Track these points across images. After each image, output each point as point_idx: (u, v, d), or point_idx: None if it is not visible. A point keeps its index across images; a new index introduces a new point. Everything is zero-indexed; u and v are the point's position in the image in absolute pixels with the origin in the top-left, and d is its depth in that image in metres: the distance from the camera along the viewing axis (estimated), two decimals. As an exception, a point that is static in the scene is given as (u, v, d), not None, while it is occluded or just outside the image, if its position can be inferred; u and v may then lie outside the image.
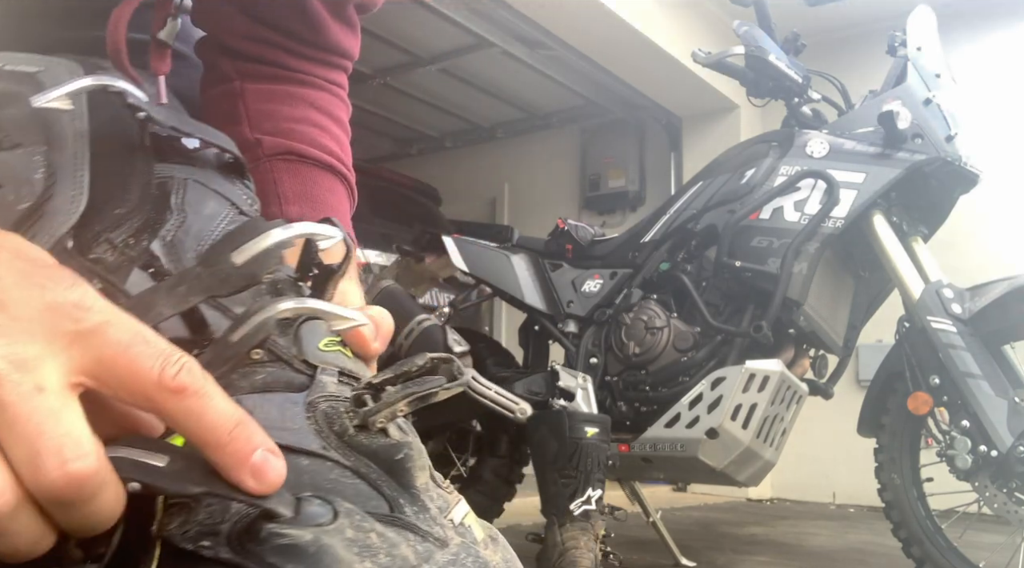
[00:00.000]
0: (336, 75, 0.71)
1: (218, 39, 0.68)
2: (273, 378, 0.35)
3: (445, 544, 0.31)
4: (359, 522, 0.29)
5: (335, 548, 0.28)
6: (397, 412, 0.34)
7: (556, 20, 3.99)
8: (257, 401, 0.34)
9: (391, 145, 6.45)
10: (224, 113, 0.66)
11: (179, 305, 0.33)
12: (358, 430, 0.34)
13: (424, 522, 0.32)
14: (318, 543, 0.28)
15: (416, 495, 0.33)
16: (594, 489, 1.78)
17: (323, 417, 0.34)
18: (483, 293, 2.67)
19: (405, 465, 0.33)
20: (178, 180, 0.39)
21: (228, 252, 0.34)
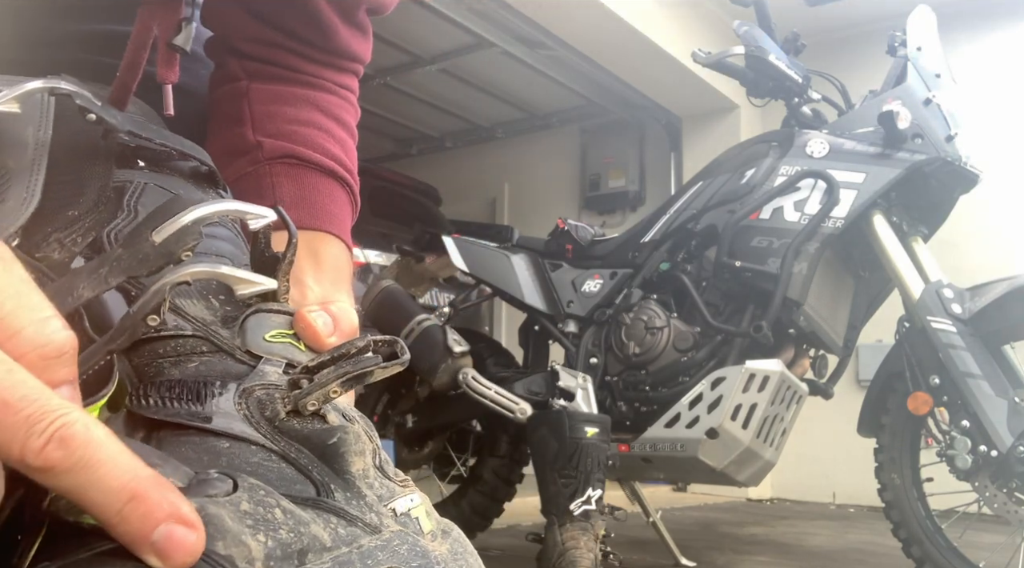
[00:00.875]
0: (346, 79, 0.70)
1: (226, 40, 0.67)
2: (208, 367, 0.35)
3: (377, 530, 0.30)
4: (262, 497, 0.28)
5: (222, 518, 0.27)
6: (330, 394, 0.33)
7: (556, 20, 3.99)
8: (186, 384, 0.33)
9: (391, 145, 6.46)
10: (229, 113, 0.66)
11: (99, 287, 0.33)
12: (291, 415, 0.33)
13: (356, 508, 0.31)
14: (203, 511, 0.26)
15: (350, 481, 0.32)
16: (594, 489, 1.78)
17: (255, 403, 0.33)
18: (483, 293, 2.67)
19: (338, 449, 0.32)
20: (136, 183, 0.39)
21: (148, 231, 0.33)
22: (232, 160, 0.64)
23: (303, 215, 0.62)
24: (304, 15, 0.64)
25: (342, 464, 0.32)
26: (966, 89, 2.56)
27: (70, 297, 0.32)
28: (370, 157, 6.30)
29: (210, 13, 0.67)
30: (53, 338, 0.27)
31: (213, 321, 0.36)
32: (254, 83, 0.66)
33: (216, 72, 0.68)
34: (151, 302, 0.32)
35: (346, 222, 0.66)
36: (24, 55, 0.65)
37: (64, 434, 0.24)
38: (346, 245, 0.65)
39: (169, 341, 0.35)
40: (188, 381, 0.34)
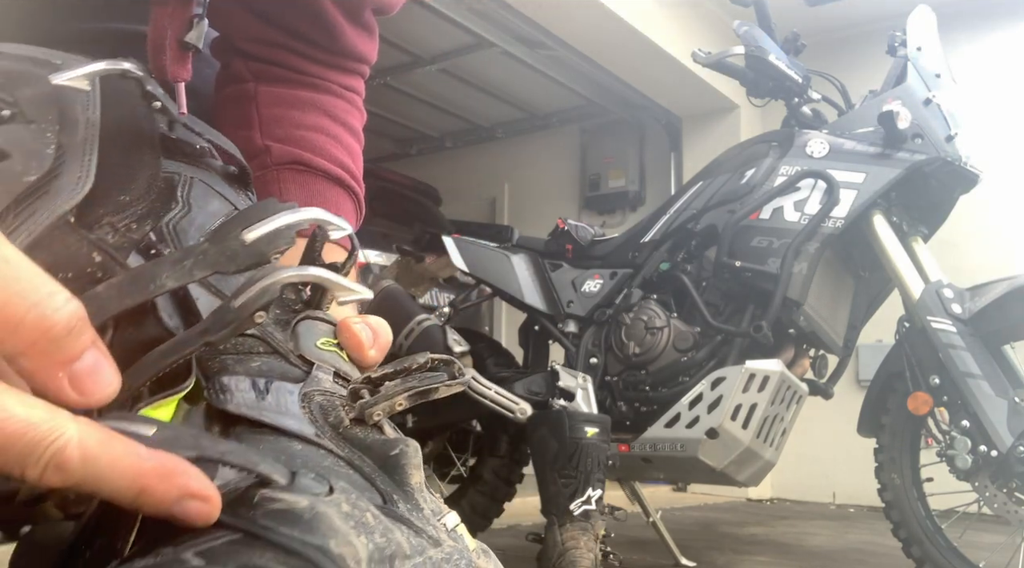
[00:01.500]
0: (352, 81, 0.70)
1: (232, 40, 0.67)
2: (268, 367, 0.35)
3: (438, 543, 0.31)
4: (355, 501, 0.29)
5: (331, 517, 0.27)
6: (396, 406, 0.34)
7: (556, 20, 3.99)
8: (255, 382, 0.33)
9: (391, 145, 6.46)
10: (237, 116, 0.66)
11: (182, 278, 0.33)
12: (354, 423, 0.33)
13: (418, 520, 0.31)
14: (314, 510, 0.27)
15: (410, 493, 0.32)
16: (594, 489, 1.78)
17: (318, 408, 0.34)
18: (483, 293, 2.67)
19: (400, 461, 0.33)
20: (184, 177, 0.39)
21: (238, 230, 0.34)
22: None
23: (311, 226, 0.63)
24: (309, 15, 0.64)
25: (403, 476, 0.32)
26: (966, 89, 2.57)
27: (152, 285, 0.32)
28: (370, 157, 6.25)
29: (217, 14, 0.67)
30: (57, 317, 0.26)
31: (268, 323, 0.36)
32: (261, 85, 0.66)
33: (222, 72, 0.68)
34: (261, 299, 0.32)
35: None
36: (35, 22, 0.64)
37: (59, 461, 0.25)
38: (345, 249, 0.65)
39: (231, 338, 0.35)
40: (256, 379, 0.34)
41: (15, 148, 0.34)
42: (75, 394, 0.27)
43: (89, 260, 0.33)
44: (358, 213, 0.68)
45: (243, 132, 0.65)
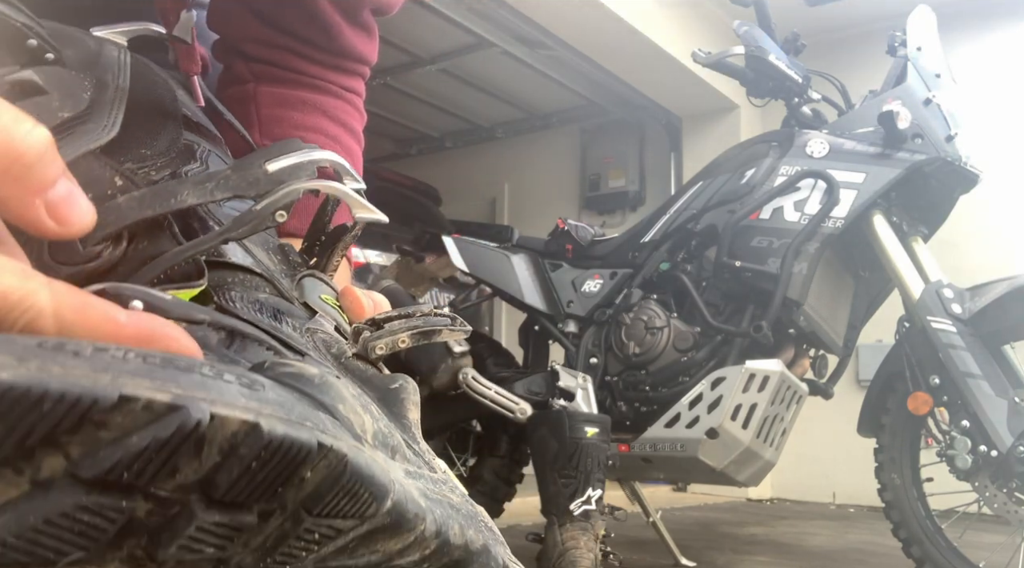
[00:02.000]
0: (352, 81, 0.70)
1: (232, 42, 0.67)
2: (276, 303, 0.36)
3: (433, 470, 0.31)
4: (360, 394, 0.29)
5: (341, 388, 0.27)
6: (399, 342, 0.34)
7: (556, 20, 3.99)
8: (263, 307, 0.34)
9: (391, 145, 6.46)
10: (237, 115, 0.66)
11: (203, 197, 0.34)
12: (356, 357, 0.34)
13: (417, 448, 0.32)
14: (324, 377, 0.27)
15: (408, 426, 0.32)
16: (594, 489, 1.78)
17: (321, 342, 0.34)
18: (483, 293, 2.67)
19: (399, 395, 0.33)
20: (204, 148, 0.41)
21: (261, 161, 0.35)
22: None
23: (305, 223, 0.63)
24: (307, 16, 0.64)
25: (401, 409, 0.33)
26: (966, 89, 2.57)
27: (173, 199, 0.33)
28: (370, 157, 6.26)
29: (215, 16, 0.67)
30: (29, 141, 0.25)
31: (275, 270, 0.38)
32: (261, 86, 0.66)
33: (223, 74, 0.69)
34: (282, 200, 0.34)
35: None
36: None
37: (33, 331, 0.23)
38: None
39: (239, 271, 0.36)
40: (263, 302, 0.35)
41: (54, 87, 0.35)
42: (53, 223, 0.26)
43: (111, 183, 0.34)
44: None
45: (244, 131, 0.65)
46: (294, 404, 0.23)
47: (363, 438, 0.26)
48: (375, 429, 0.27)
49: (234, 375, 0.23)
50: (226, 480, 0.21)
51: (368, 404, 0.28)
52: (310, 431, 0.22)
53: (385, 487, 0.24)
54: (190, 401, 0.20)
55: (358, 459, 0.23)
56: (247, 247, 0.38)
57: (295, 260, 0.40)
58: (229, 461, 0.21)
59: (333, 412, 0.26)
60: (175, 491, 0.21)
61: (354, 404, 0.27)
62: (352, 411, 0.26)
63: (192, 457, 0.20)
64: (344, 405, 0.26)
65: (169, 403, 0.20)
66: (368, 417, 0.27)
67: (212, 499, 0.21)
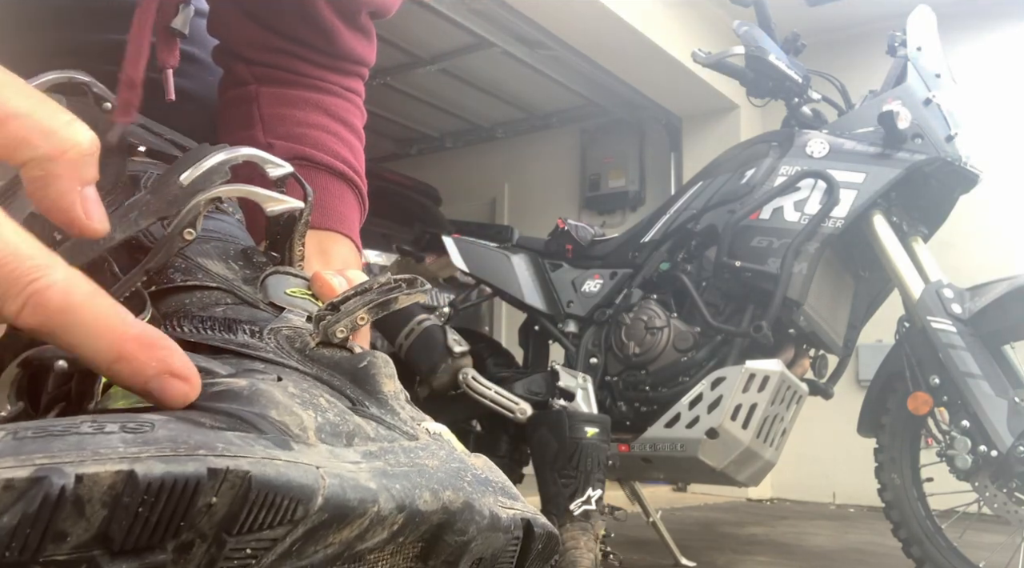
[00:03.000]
0: (351, 82, 0.71)
1: (232, 48, 0.68)
2: (234, 312, 0.36)
3: (414, 438, 0.30)
4: (307, 387, 0.29)
5: (273, 392, 0.27)
6: (358, 320, 0.34)
7: (556, 20, 3.99)
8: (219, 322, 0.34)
9: (391, 145, 6.46)
10: (239, 117, 0.66)
11: (130, 229, 0.34)
12: (320, 346, 0.34)
13: (392, 419, 0.31)
14: (253, 387, 0.27)
15: (383, 400, 0.32)
16: (594, 489, 1.78)
17: (284, 339, 0.34)
18: (483, 293, 2.67)
19: (369, 371, 0.33)
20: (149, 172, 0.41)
21: (175, 176, 0.35)
22: None
23: (314, 216, 0.63)
24: (305, 20, 0.65)
25: (374, 385, 0.32)
26: (966, 89, 2.57)
27: (101, 240, 0.33)
28: (370, 157, 6.22)
29: (216, 22, 0.67)
30: (86, 136, 0.28)
31: (235, 279, 0.38)
32: (263, 87, 0.67)
33: (225, 77, 0.69)
34: (187, 218, 0.34)
35: (355, 223, 0.67)
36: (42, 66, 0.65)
37: (39, 300, 0.24)
38: (355, 245, 0.65)
39: (195, 291, 0.36)
40: (218, 318, 0.35)
41: None
42: (83, 215, 0.28)
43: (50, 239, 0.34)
44: (362, 208, 0.69)
45: (246, 132, 0.65)
46: (189, 434, 0.23)
47: (300, 438, 0.26)
48: (320, 422, 0.27)
49: (119, 423, 0.23)
50: (120, 530, 0.21)
51: (315, 397, 0.28)
52: (199, 460, 0.22)
53: (309, 487, 0.24)
54: (53, 469, 0.20)
55: (266, 471, 0.23)
56: (201, 263, 0.37)
57: (259, 261, 0.40)
58: (117, 513, 0.21)
59: (256, 423, 0.25)
60: (74, 552, 0.21)
61: (290, 405, 0.27)
62: (287, 413, 0.26)
63: (76, 518, 0.20)
64: (276, 409, 0.26)
65: (29, 477, 0.20)
66: (310, 412, 0.27)
67: (115, 551, 0.21)
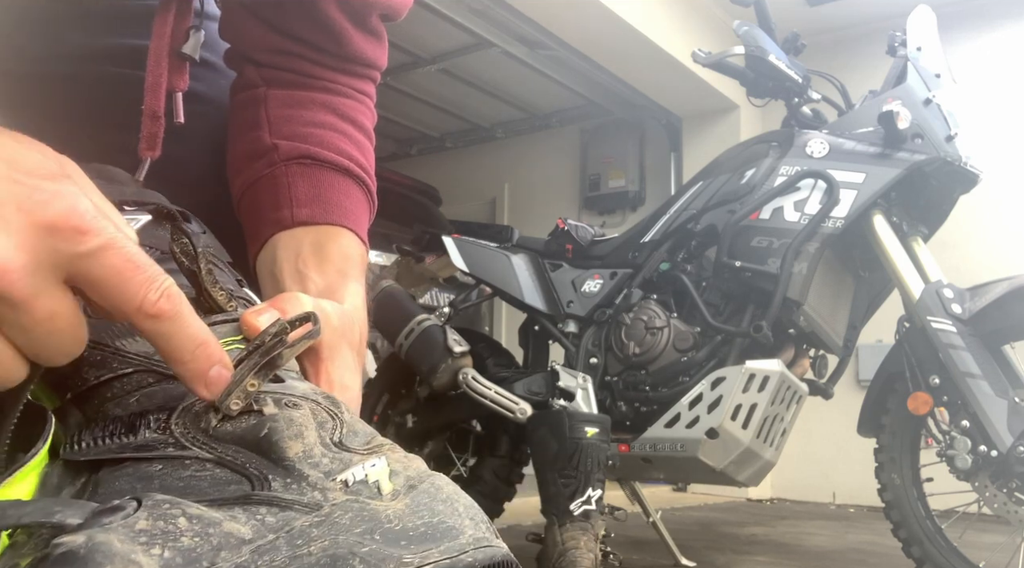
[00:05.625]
0: (362, 84, 0.71)
1: (243, 51, 0.68)
2: (149, 399, 0.36)
3: (317, 507, 0.30)
4: (165, 510, 0.28)
5: (109, 543, 0.27)
6: (248, 387, 0.34)
7: (556, 20, 3.99)
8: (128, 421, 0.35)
9: (391, 145, 6.46)
10: (247, 118, 0.67)
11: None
12: (223, 421, 0.34)
13: (293, 492, 0.31)
14: (90, 542, 0.27)
15: (289, 467, 0.32)
16: (594, 489, 1.78)
17: (192, 418, 0.34)
18: (483, 293, 2.67)
19: (271, 439, 0.33)
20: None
21: None
22: (250, 163, 0.65)
23: (316, 212, 0.63)
24: (315, 23, 0.65)
25: (278, 452, 0.32)
26: (966, 89, 2.57)
27: None
28: (370, 157, 6.29)
29: (226, 26, 0.68)
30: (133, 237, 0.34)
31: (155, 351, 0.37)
32: (272, 89, 0.67)
33: (236, 80, 0.70)
34: None
35: (361, 216, 0.66)
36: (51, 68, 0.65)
37: (170, 292, 0.33)
38: (360, 238, 0.65)
39: (114, 383, 0.36)
40: (123, 417, 0.35)
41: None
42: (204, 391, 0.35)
43: None
44: (370, 205, 0.68)
45: (252, 133, 0.66)
46: None
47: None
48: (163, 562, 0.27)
49: None
50: None
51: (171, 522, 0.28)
52: None
53: None
54: None
55: None
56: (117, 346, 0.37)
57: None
58: None
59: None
60: None
61: (128, 553, 0.27)
62: (124, 562, 0.26)
63: None
64: (113, 563, 0.26)
65: None
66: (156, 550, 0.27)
67: None
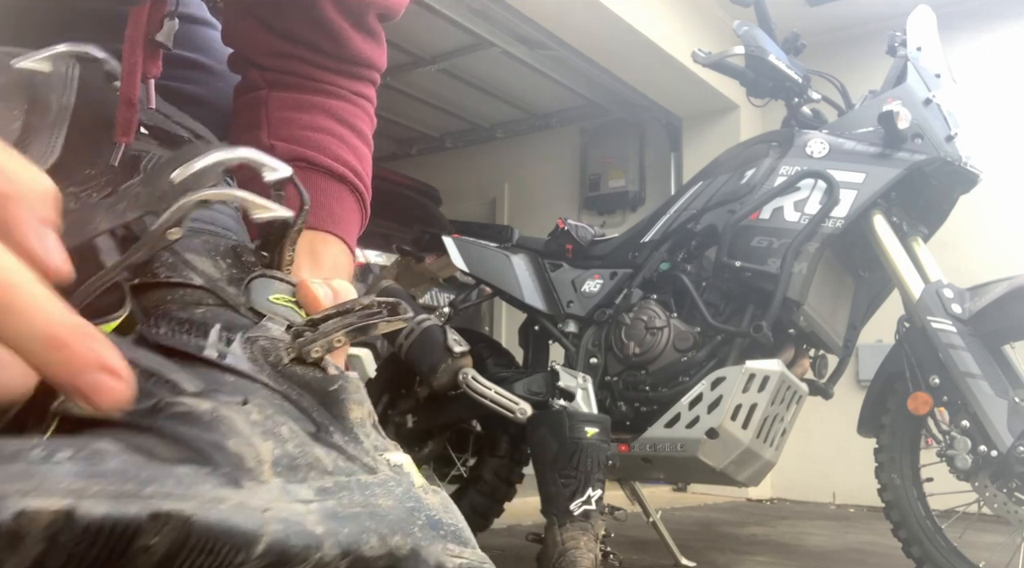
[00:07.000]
0: (361, 86, 0.72)
1: (246, 56, 0.69)
2: (213, 315, 0.35)
3: (373, 471, 0.30)
4: (271, 414, 0.29)
5: (233, 420, 0.27)
6: (334, 342, 0.34)
7: (556, 20, 3.99)
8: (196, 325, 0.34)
9: (391, 145, 6.46)
10: (248, 119, 0.67)
11: (116, 220, 0.34)
12: (293, 362, 0.34)
13: (354, 449, 0.31)
14: (215, 413, 0.27)
15: (348, 427, 0.32)
16: (594, 489, 1.78)
17: (259, 350, 0.34)
18: (483, 293, 2.67)
19: (339, 396, 0.33)
20: (152, 154, 0.41)
21: (168, 171, 0.34)
22: None
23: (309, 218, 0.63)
24: (313, 23, 0.65)
25: (341, 410, 0.32)
26: (966, 89, 2.57)
27: (88, 227, 0.33)
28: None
29: (229, 32, 0.69)
30: (47, 183, 0.28)
31: (220, 278, 0.37)
32: (273, 92, 0.67)
33: (239, 83, 0.71)
34: (172, 217, 0.33)
35: (351, 225, 0.67)
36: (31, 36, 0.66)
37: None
38: (349, 248, 0.65)
39: (177, 289, 0.36)
40: (195, 321, 0.34)
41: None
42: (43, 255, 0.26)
43: None
44: (362, 213, 0.69)
45: (252, 134, 0.66)
46: (140, 468, 0.23)
47: (254, 472, 0.25)
48: (277, 455, 0.27)
49: (70, 451, 0.22)
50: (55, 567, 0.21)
51: (277, 426, 0.28)
52: (144, 501, 0.22)
53: (252, 533, 0.23)
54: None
55: (209, 516, 0.23)
56: (187, 260, 0.37)
57: (248, 261, 0.40)
58: (52, 550, 0.21)
59: (210, 455, 0.25)
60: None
61: (249, 434, 0.26)
62: (245, 444, 0.26)
63: (10, 552, 0.20)
64: (236, 439, 0.26)
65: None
66: (270, 444, 0.27)
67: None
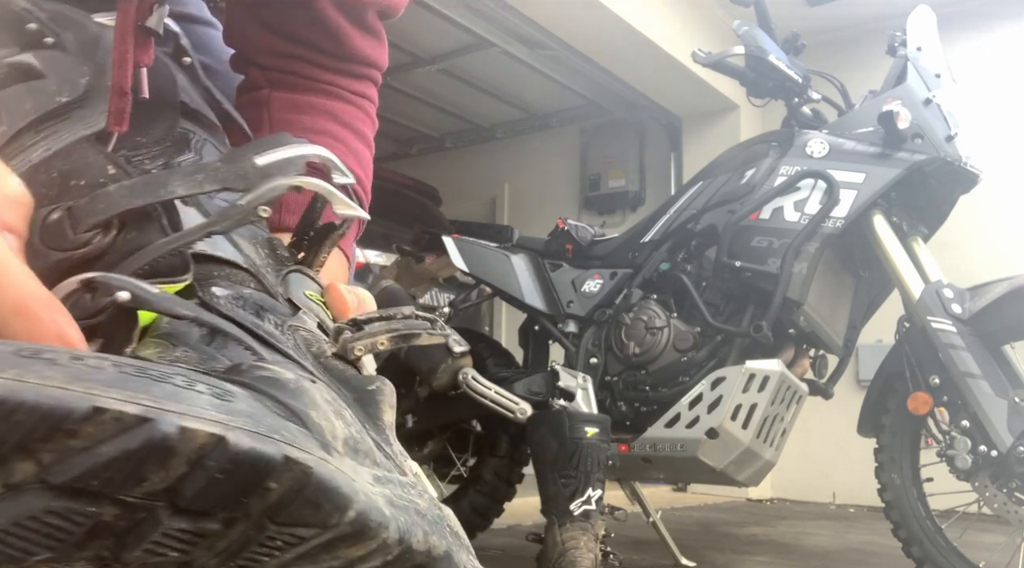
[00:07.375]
0: (363, 86, 0.72)
1: (248, 56, 0.69)
2: (260, 297, 0.36)
3: (404, 473, 0.31)
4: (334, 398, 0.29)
5: (314, 394, 0.28)
6: (378, 344, 0.35)
7: (556, 20, 3.99)
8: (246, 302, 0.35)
9: (391, 145, 6.46)
10: (250, 119, 0.67)
11: (192, 188, 0.34)
12: (335, 357, 0.34)
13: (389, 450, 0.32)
14: (299, 383, 0.27)
15: (382, 428, 0.33)
16: (594, 489, 1.78)
17: (302, 339, 0.35)
18: (483, 293, 2.67)
19: (376, 397, 0.33)
20: (199, 137, 0.42)
21: (251, 154, 0.36)
22: None
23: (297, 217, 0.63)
24: (313, 22, 0.66)
25: (376, 410, 0.33)
26: (966, 89, 2.56)
27: (162, 189, 0.34)
28: (370, 157, 6.30)
29: (231, 33, 0.69)
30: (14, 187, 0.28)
31: (261, 265, 0.38)
32: (275, 92, 0.68)
33: (242, 82, 0.71)
34: (266, 195, 0.34)
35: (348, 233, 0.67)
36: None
37: None
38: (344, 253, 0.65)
39: (225, 265, 0.37)
40: (246, 298, 0.35)
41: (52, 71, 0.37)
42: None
43: (103, 170, 0.35)
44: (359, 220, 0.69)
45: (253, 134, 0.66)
46: (264, 415, 0.24)
47: (332, 446, 0.26)
48: (346, 435, 0.27)
49: (206, 385, 0.23)
50: (192, 490, 0.22)
51: (341, 409, 0.29)
52: (276, 444, 0.23)
53: (349, 497, 0.24)
54: (159, 414, 0.21)
55: (323, 471, 0.24)
56: (235, 241, 0.38)
57: (282, 255, 0.41)
58: (195, 472, 0.22)
59: (304, 419, 0.26)
60: (142, 498, 0.21)
61: (326, 410, 0.27)
62: (324, 418, 0.27)
63: (159, 467, 0.21)
64: (316, 412, 0.27)
65: (138, 415, 0.20)
66: (340, 423, 0.27)
67: (178, 507, 0.22)
